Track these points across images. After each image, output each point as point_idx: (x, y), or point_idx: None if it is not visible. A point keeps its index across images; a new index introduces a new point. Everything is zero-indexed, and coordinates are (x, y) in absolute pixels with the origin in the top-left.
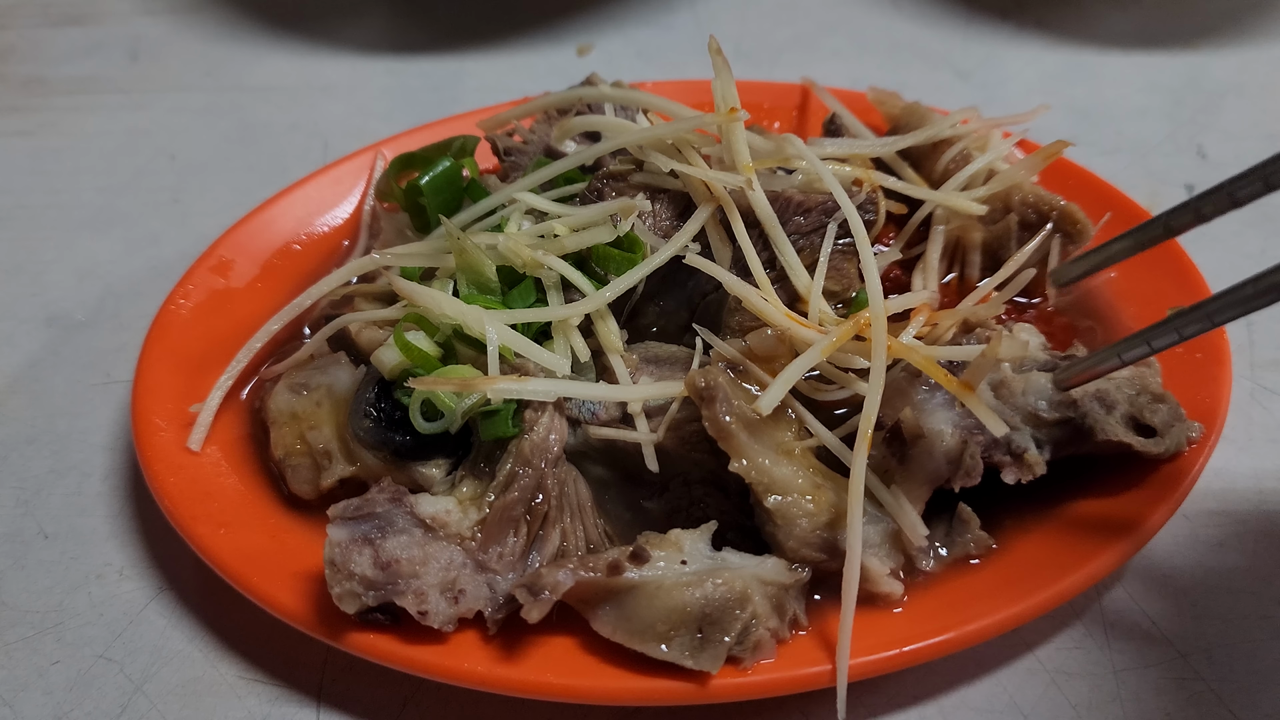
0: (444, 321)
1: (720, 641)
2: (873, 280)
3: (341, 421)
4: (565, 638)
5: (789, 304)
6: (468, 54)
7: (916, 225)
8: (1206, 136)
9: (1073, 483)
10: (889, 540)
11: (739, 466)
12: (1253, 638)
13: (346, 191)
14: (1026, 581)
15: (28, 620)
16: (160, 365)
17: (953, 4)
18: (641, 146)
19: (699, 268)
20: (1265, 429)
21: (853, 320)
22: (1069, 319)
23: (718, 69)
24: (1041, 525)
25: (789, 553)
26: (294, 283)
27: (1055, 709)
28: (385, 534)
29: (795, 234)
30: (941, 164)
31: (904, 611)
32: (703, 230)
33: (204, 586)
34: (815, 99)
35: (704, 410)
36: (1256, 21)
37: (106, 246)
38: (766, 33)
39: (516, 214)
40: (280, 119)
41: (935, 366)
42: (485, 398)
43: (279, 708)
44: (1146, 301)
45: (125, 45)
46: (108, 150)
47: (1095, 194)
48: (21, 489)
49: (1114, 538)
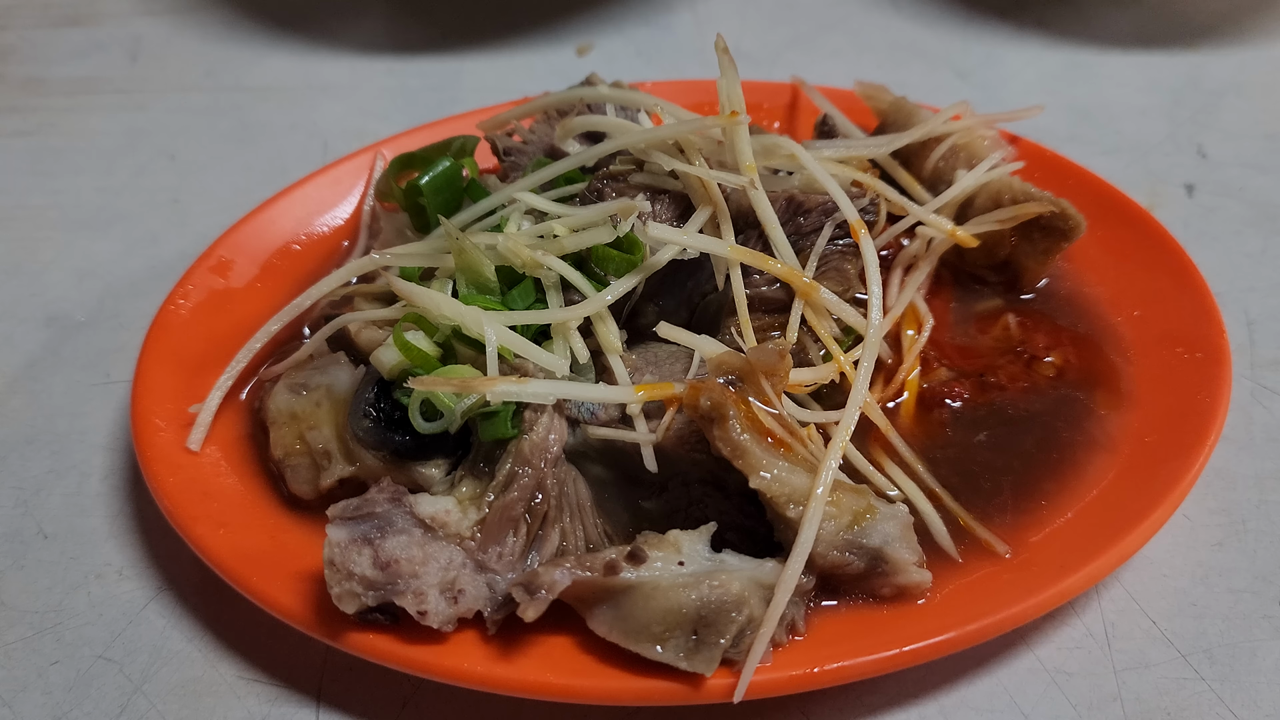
0: (443, 322)
1: (715, 644)
2: (874, 282)
3: (341, 422)
4: (564, 638)
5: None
6: (468, 54)
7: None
8: (1206, 136)
9: (1073, 482)
10: (906, 531)
11: (762, 482)
12: (1253, 637)
13: (346, 191)
14: (1026, 581)
15: (27, 620)
16: (160, 365)
17: (953, 4)
18: (644, 147)
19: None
20: (1265, 429)
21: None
22: (1064, 320)
23: (724, 68)
24: (1042, 525)
25: (815, 558)
26: (294, 283)
27: (1055, 709)
28: (385, 534)
29: (795, 235)
30: (931, 162)
31: (904, 611)
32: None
33: (203, 586)
34: (805, 98)
35: (715, 430)
36: (1256, 21)
37: (106, 246)
38: (766, 33)
39: (516, 214)
40: (280, 119)
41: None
42: (484, 398)
43: (279, 708)
44: (1145, 302)
45: (125, 45)
46: (108, 150)
47: (1095, 194)
48: (21, 489)
49: (1114, 538)
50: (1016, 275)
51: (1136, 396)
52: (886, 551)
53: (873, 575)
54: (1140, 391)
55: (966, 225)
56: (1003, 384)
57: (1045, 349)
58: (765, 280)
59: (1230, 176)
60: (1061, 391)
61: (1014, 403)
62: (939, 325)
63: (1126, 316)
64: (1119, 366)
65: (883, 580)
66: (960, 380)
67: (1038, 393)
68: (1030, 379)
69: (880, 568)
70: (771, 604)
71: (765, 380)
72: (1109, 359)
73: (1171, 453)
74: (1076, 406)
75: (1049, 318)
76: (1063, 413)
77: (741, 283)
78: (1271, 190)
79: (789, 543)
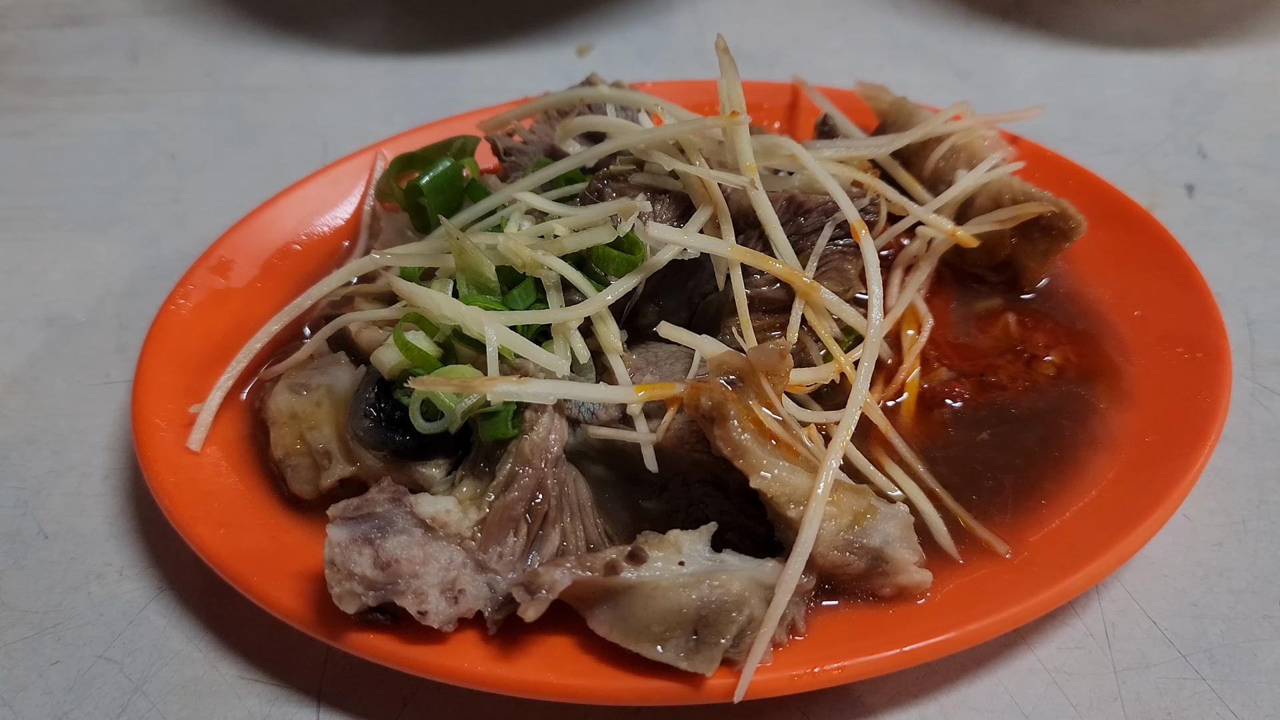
0: (443, 322)
1: (715, 644)
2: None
3: (341, 422)
4: (565, 638)
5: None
6: (468, 54)
7: (901, 231)
8: (1206, 136)
9: (1073, 482)
10: (907, 531)
11: (762, 482)
12: (1253, 637)
13: (346, 192)
14: (1026, 581)
15: (28, 620)
16: (160, 365)
17: (953, 4)
18: (644, 147)
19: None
20: (1265, 429)
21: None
22: (1064, 320)
23: (724, 68)
24: (1042, 525)
25: (816, 558)
26: (294, 283)
27: (1056, 709)
28: (385, 534)
29: (796, 235)
30: (931, 162)
31: (904, 612)
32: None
33: (204, 586)
34: (805, 98)
35: (716, 430)
36: (1256, 21)
37: (106, 246)
38: (766, 33)
39: (516, 214)
40: (280, 119)
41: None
42: (485, 398)
43: (279, 708)
44: (1146, 301)
45: (125, 45)
46: (108, 150)
47: (1095, 194)
48: (21, 489)
49: (1114, 538)
50: (1016, 275)
51: (1137, 396)
52: (887, 551)
53: (873, 575)
54: (1140, 391)
55: (967, 225)
56: (1003, 384)
57: (1045, 349)
58: (765, 280)
59: (1230, 176)
60: (1061, 391)
61: (1014, 403)
62: (939, 325)
63: (1127, 317)
64: (1119, 366)
65: (883, 580)
66: (960, 380)
67: (1038, 393)
68: (1030, 379)
69: (880, 568)
70: (772, 604)
71: (766, 380)
72: (1109, 359)
73: (1172, 453)
74: (1076, 406)
75: (1049, 317)
76: (1063, 413)
77: (742, 283)
78: (1271, 190)
79: (789, 543)
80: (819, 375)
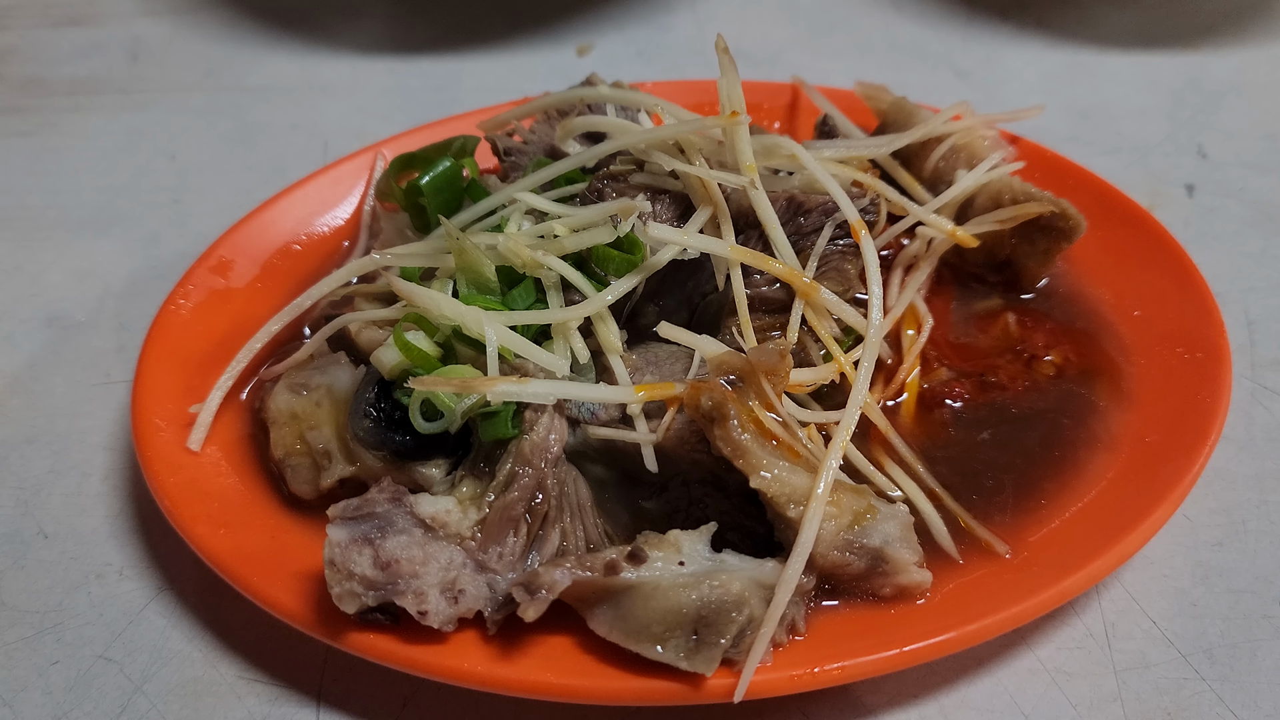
0: (443, 322)
1: (715, 644)
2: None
3: (341, 421)
4: (565, 638)
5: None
6: (468, 54)
7: (901, 231)
8: (1206, 136)
9: (1073, 482)
10: (907, 531)
11: (762, 482)
12: (1253, 637)
13: (346, 192)
14: (1026, 581)
15: (28, 620)
16: (160, 365)
17: (953, 4)
18: (644, 147)
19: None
20: (1265, 429)
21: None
22: (1064, 320)
23: (724, 68)
24: (1042, 525)
25: (816, 558)
26: (294, 283)
27: (1055, 709)
28: (385, 534)
29: (796, 235)
30: (931, 162)
31: (904, 612)
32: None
33: (204, 586)
34: (805, 98)
35: (716, 430)
36: (1256, 21)
37: (106, 246)
38: (766, 33)
39: (516, 214)
40: (280, 119)
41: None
42: (485, 398)
43: (279, 708)
44: (1146, 301)
45: (125, 45)
46: (108, 150)
47: (1095, 194)
48: (21, 489)
49: (1114, 538)
50: (1016, 275)
51: (1137, 396)
52: (887, 551)
53: (873, 575)
54: (1140, 391)
55: (967, 225)
56: (1003, 384)
57: (1045, 348)
58: (765, 280)
59: (1230, 176)
60: (1061, 391)
61: (1014, 402)
62: (939, 325)
63: (1127, 316)
64: (1119, 366)
65: (883, 580)
66: (960, 380)
67: (1038, 392)
68: (1030, 379)
69: (880, 568)
70: (772, 604)
71: (766, 380)
72: (1109, 359)
73: (1172, 453)
74: (1076, 406)
75: (1049, 317)
76: (1063, 413)
77: (742, 283)
78: (1271, 190)
79: (789, 543)
80: (819, 375)
